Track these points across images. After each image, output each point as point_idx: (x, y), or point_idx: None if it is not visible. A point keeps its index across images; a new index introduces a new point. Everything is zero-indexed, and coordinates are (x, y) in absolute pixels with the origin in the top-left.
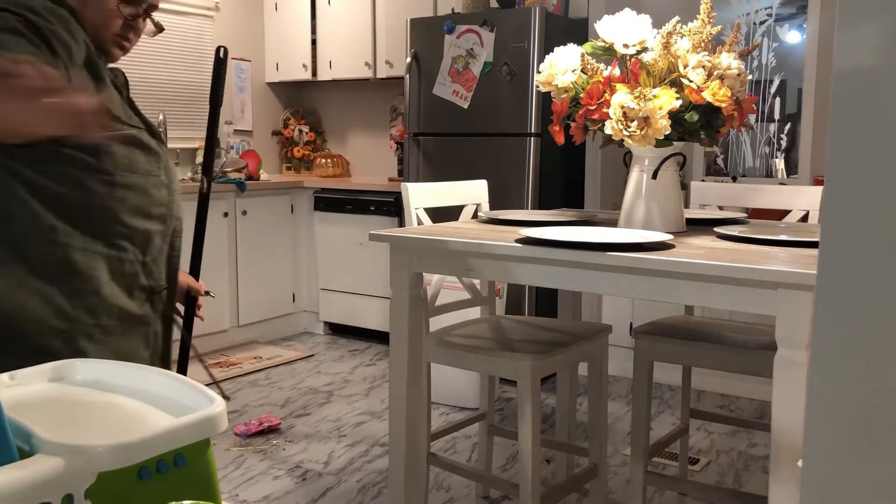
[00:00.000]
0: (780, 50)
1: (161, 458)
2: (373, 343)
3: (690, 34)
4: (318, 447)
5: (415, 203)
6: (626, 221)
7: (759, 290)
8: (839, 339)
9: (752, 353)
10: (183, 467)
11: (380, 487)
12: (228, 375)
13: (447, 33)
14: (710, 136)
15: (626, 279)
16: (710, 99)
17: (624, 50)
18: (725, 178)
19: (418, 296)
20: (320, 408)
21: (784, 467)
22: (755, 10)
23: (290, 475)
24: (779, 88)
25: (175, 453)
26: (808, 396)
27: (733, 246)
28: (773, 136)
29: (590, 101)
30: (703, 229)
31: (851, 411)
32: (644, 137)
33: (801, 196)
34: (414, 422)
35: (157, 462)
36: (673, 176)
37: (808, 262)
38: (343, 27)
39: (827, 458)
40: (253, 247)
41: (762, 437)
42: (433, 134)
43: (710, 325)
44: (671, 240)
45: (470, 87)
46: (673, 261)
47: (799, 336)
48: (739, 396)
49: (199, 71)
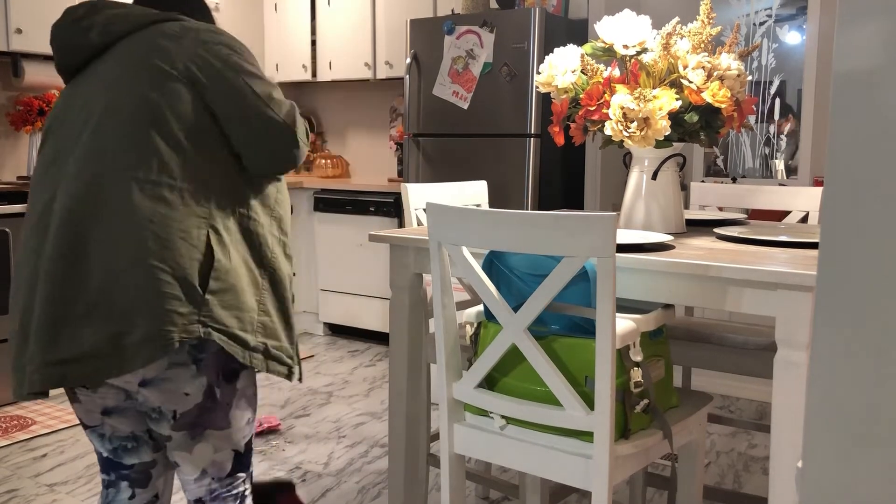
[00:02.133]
0: (779, 51)
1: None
2: (372, 344)
3: (690, 35)
4: (317, 448)
5: (415, 204)
6: (625, 222)
7: (759, 290)
8: (839, 339)
9: (752, 353)
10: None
11: (380, 488)
12: None
13: (447, 34)
14: (710, 137)
15: (626, 280)
16: (709, 100)
17: (624, 51)
18: (725, 179)
19: (418, 296)
20: (320, 408)
21: (784, 468)
22: (755, 10)
23: (289, 476)
24: (778, 89)
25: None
26: (808, 397)
27: (733, 247)
28: (773, 137)
29: (589, 102)
30: (702, 230)
31: (851, 411)
32: (644, 138)
33: (801, 197)
34: (414, 422)
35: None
36: (673, 177)
37: (807, 262)
38: (343, 28)
39: (827, 458)
40: None
41: (762, 438)
42: (433, 134)
43: (710, 325)
44: (671, 240)
45: (470, 88)
46: (673, 262)
47: (799, 336)
48: (739, 397)
49: None
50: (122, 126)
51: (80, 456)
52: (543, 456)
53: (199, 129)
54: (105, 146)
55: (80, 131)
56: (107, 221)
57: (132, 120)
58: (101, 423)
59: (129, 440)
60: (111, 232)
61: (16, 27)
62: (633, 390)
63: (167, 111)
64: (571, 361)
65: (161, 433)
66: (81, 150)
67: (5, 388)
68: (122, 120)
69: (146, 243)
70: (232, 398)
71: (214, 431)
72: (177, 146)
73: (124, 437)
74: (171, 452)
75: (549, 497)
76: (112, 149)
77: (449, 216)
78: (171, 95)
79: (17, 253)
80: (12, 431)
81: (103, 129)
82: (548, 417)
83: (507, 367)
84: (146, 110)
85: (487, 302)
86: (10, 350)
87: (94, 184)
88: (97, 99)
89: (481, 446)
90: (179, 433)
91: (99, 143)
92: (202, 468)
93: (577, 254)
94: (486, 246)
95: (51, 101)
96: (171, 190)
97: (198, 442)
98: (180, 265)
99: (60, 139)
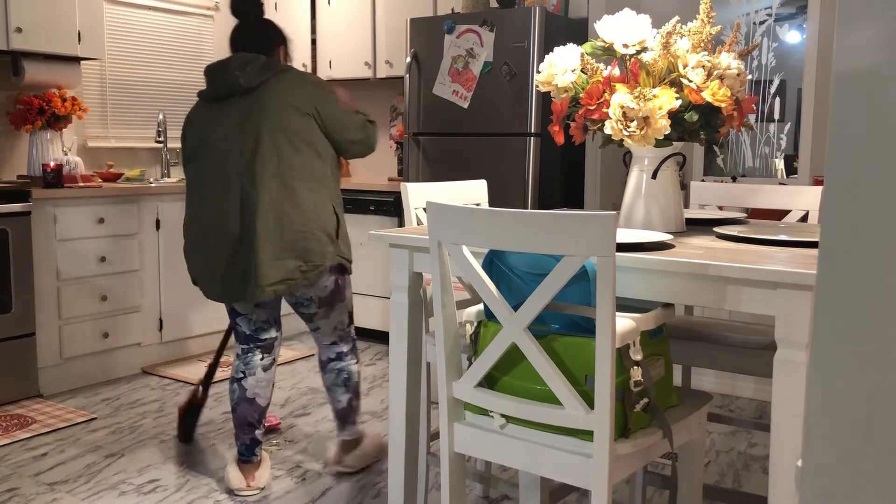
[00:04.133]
0: (779, 50)
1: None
2: (372, 343)
3: (690, 34)
4: (317, 447)
5: (415, 203)
6: (625, 221)
7: (759, 290)
8: (839, 339)
9: (752, 353)
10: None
11: (380, 487)
12: (229, 375)
13: (447, 33)
14: (710, 136)
15: (626, 279)
16: (709, 99)
17: (624, 50)
18: (725, 179)
19: (418, 296)
20: (320, 408)
21: (784, 467)
22: (755, 10)
23: (290, 475)
24: (779, 88)
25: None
26: (808, 396)
27: (733, 246)
28: (773, 136)
29: (589, 101)
30: (702, 229)
31: (851, 411)
32: (644, 137)
33: (801, 196)
34: (414, 422)
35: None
36: (673, 176)
37: (807, 262)
38: (343, 27)
39: (827, 458)
40: None
41: (762, 438)
42: (433, 134)
43: (710, 325)
44: (671, 240)
45: (470, 87)
46: (673, 261)
47: (799, 336)
48: (739, 396)
49: (200, 71)
50: (287, 144)
51: (80, 455)
52: (543, 455)
53: (324, 144)
54: (276, 156)
55: (251, 147)
56: (290, 204)
57: (291, 140)
58: (251, 312)
59: (265, 323)
60: (294, 209)
61: (16, 26)
62: (632, 389)
63: (309, 134)
64: (571, 360)
65: (310, 312)
66: (258, 160)
67: (5, 388)
68: (285, 140)
69: (309, 214)
70: (345, 286)
71: (339, 303)
72: (316, 156)
73: (263, 321)
74: (317, 322)
75: (548, 496)
76: (285, 155)
77: (449, 215)
78: (308, 125)
79: (198, 226)
80: (12, 430)
81: (271, 146)
82: (548, 416)
83: (507, 366)
84: (299, 134)
85: (487, 301)
86: (209, 285)
87: (279, 181)
88: (258, 126)
89: (481, 445)
90: (322, 309)
91: (272, 155)
92: (333, 326)
93: (577, 253)
94: (486, 245)
95: (51, 99)
96: (316, 183)
97: (331, 311)
98: (325, 226)
99: (222, 151)
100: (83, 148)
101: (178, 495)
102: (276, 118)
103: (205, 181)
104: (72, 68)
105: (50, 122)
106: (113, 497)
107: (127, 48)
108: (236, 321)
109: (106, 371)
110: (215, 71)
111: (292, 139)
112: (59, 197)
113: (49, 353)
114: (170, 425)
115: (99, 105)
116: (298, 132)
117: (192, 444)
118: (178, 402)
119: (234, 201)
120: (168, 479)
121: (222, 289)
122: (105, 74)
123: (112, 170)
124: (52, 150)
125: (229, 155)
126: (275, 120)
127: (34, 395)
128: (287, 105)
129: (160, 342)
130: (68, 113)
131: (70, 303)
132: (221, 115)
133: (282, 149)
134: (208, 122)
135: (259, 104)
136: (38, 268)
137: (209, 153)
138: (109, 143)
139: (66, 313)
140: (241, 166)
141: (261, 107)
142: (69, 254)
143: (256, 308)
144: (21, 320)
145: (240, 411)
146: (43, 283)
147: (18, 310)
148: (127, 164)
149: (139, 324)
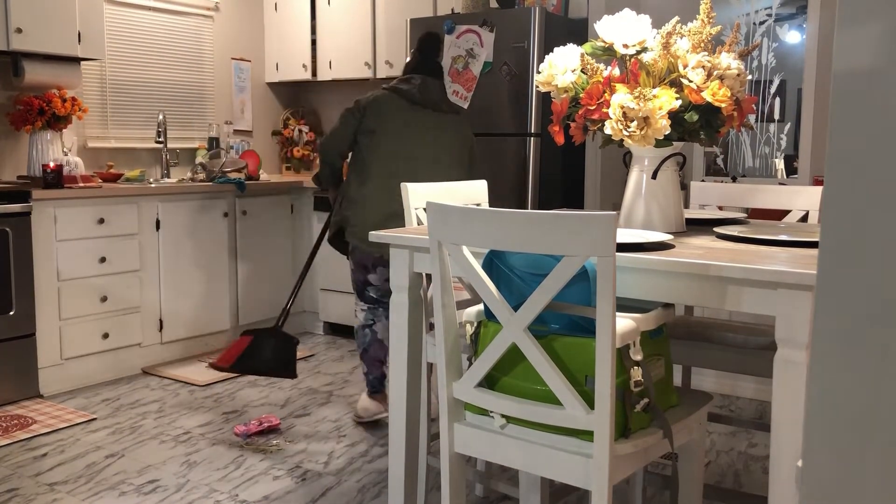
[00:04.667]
0: (779, 50)
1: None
2: None
3: (690, 34)
4: (318, 447)
5: (415, 203)
6: (625, 221)
7: (759, 290)
8: (839, 339)
9: (752, 353)
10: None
11: (380, 487)
12: (229, 375)
13: (447, 33)
14: (710, 136)
15: (626, 279)
16: (709, 99)
17: (624, 50)
18: (725, 179)
19: (418, 296)
20: (320, 408)
21: (784, 467)
22: (755, 10)
23: (290, 475)
24: (779, 89)
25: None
26: (808, 396)
27: (733, 246)
28: (773, 137)
29: (589, 102)
30: (702, 229)
31: (851, 411)
32: (644, 137)
33: (801, 196)
34: (414, 422)
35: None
36: (673, 176)
37: (807, 262)
38: (343, 27)
39: (827, 458)
40: (253, 247)
41: (762, 438)
42: None
43: (710, 325)
44: (671, 240)
45: (470, 87)
46: (673, 261)
47: (799, 336)
48: (739, 396)
49: (199, 71)
50: (453, 158)
51: (80, 455)
52: (543, 455)
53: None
54: (441, 161)
55: (427, 149)
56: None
57: (460, 157)
58: (384, 280)
59: (387, 281)
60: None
61: (16, 27)
62: (633, 389)
63: (466, 155)
64: (571, 360)
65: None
66: (432, 161)
67: (5, 388)
68: (455, 156)
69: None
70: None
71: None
72: (467, 167)
73: (386, 279)
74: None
75: (549, 496)
76: (446, 163)
77: (449, 215)
78: (468, 151)
79: (369, 186)
80: (13, 430)
81: (445, 154)
82: (548, 416)
83: (508, 367)
84: (464, 155)
85: (487, 301)
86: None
87: (436, 172)
88: (438, 139)
89: (481, 445)
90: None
91: (438, 159)
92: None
93: (577, 253)
94: (486, 245)
95: (51, 100)
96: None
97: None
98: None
99: (407, 146)
100: (83, 148)
101: (178, 495)
102: (453, 142)
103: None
104: (72, 69)
105: (50, 122)
106: (113, 497)
107: (127, 48)
108: (369, 278)
109: (106, 371)
110: (429, 87)
111: (458, 158)
112: (60, 197)
113: (49, 354)
114: (170, 425)
115: (99, 105)
116: (466, 155)
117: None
118: (211, 361)
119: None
120: (168, 479)
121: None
122: (105, 75)
123: (112, 170)
124: (53, 150)
125: (412, 148)
126: (453, 142)
127: (34, 395)
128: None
129: (160, 342)
130: (68, 113)
131: (70, 303)
132: (416, 118)
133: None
134: (405, 116)
135: (443, 128)
136: (38, 268)
137: (399, 139)
138: (109, 144)
139: (67, 313)
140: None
141: (444, 131)
142: (69, 254)
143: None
144: (21, 320)
145: (372, 351)
146: (43, 284)
147: (18, 310)
148: (127, 165)
149: (139, 324)
